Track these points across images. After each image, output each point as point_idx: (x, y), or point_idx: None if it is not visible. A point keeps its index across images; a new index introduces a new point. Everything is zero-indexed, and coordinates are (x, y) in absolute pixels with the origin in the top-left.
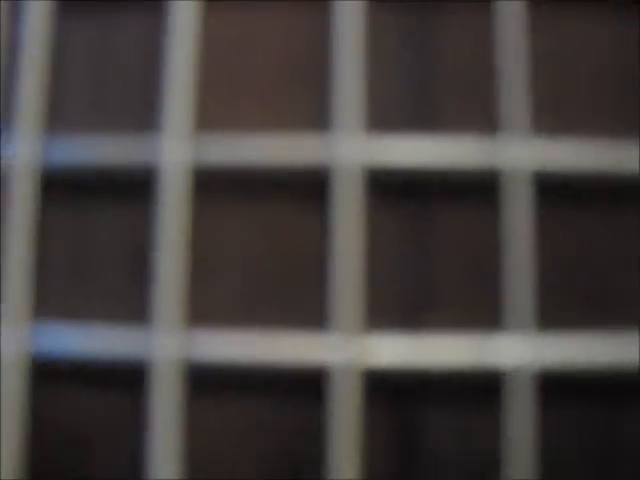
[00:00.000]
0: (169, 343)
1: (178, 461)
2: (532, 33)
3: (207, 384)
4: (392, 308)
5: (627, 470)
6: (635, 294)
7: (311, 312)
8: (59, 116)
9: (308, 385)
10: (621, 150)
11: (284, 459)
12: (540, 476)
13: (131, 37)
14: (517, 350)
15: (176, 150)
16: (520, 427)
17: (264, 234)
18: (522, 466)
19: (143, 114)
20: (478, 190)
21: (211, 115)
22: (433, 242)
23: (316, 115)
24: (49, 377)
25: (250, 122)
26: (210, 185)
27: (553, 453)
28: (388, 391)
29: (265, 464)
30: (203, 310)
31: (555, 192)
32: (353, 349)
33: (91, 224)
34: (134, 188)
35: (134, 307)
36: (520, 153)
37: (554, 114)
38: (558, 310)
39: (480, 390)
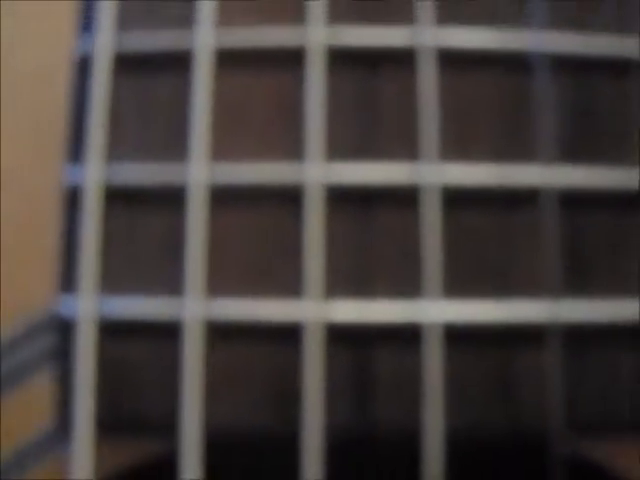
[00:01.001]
0: (194, 306)
1: (200, 393)
2: (442, 87)
3: (221, 336)
4: (346, 281)
5: (522, 394)
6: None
7: (290, 284)
8: (116, 147)
9: (289, 336)
10: (509, 168)
11: (273, 389)
12: (451, 399)
13: (166, 89)
14: (432, 311)
15: (197, 172)
16: (434, 365)
17: (258, 230)
18: (436, 391)
19: (174, 146)
20: (404, 200)
21: (221, 146)
22: (375, 236)
23: (292, 147)
24: (112, 333)
25: (247, 152)
26: (220, 196)
27: (459, 384)
28: (344, 339)
29: (259, 393)
30: (217, 282)
31: (460, 201)
32: (319, 310)
33: (139, 224)
34: (169, 199)
35: (170, 281)
36: (433, 173)
37: (458, 144)
38: (463, 281)
39: (408, 339)
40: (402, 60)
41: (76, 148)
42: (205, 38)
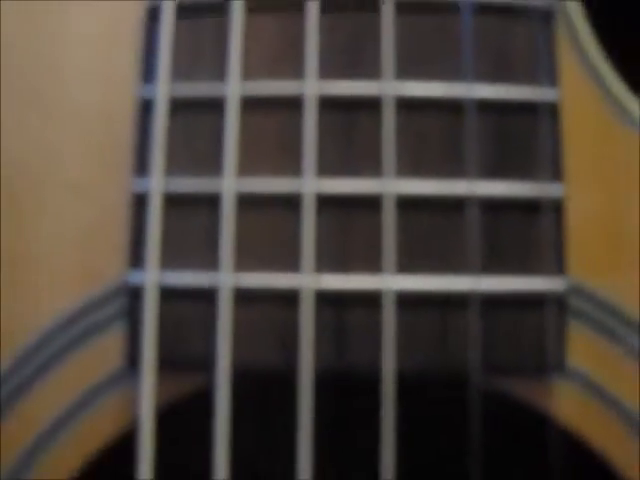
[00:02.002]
0: (226, 278)
1: (230, 340)
2: (399, 123)
3: (242, 298)
4: (330, 262)
5: (454, 345)
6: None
7: (291, 263)
8: (170, 166)
9: (291, 299)
10: (446, 182)
11: (279, 337)
12: (401, 347)
13: (205, 125)
14: (390, 282)
15: (228, 184)
16: (390, 322)
17: (270, 226)
18: (390, 341)
19: (212, 165)
20: (371, 205)
21: (244, 166)
22: (350, 232)
23: (293, 167)
24: (168, 296)
25: (262, 170)
26: (243, 201)
27: (407, 336)
28: (328, 302)
29: (270, 340)
30: (242, 261)
31: (411, 206)
32: (312, 281)
33: (187, 220)
34: (208, 203)
35: (209, 261)
36: (392, 186)
37: (410, 165)
38: (412, 262)
39: (373, 302)
40: (372, 104)
41: (142, 166)
42: (233, 89)
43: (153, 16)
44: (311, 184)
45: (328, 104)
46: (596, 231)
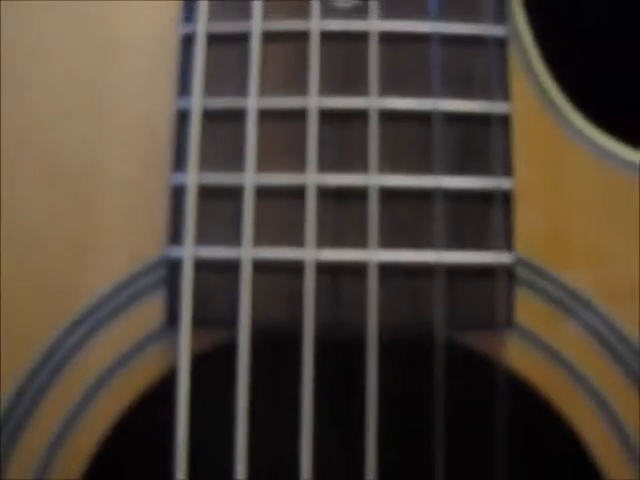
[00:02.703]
0: (247, 252)
1: (250, 300)
2: (381, 131)
3: (259, 268)
4: (327, 238)
5: (423, 304)
6: None
7: (298, 240)
8: (203, 163)
9: (297, 269)
10: (418, 177)
11: (288, 298)
12: (383, 307)
13: (229, 133)
14: (373, 255)
15: (249, 178)
16: (373, 286)
17: (281, 210)
18: (374, 301)
19: (236, 163)
20: (359, 196)
21: (260, 162)
22: (343, 217)
23: (300, 163)
24: (201, 267)
25: (274, 165)
26: (260, 191)
27: (387, 298)
28: (327, 271)
29: (280, 301)
30: (260, 238)
31: (391, 198)
32: (314, 253)
33: (216, 207)
34: (233, 193)
35: (233, 237)
36: (376, 180)
37: (390, 163)
38: (390, 240)
39: (360, 272)
40: (360, 115)
41: (180, 163)
42: (252, 103)
43: (188, 41)
44: (313, 178)
45: (326, 115)
46: (542, 223)
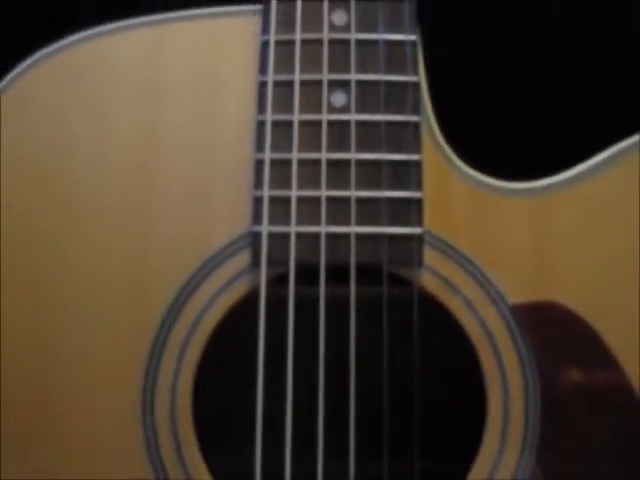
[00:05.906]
0: (292, 228)
1: (295, 250)
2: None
3: (298, 236)
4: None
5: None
6: None
7: (312, 219)
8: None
9: (316, 236)
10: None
11: (313, 248)
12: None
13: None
14: (351, 230)
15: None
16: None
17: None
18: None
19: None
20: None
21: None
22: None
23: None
24: (272, 237)
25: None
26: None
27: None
28: (331, 236)
29: (309, 250)
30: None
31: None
32: (325, 229)
33: (275, 205)
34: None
35: (285, 220)
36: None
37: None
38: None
39: (347, 235)
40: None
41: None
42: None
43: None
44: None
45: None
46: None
